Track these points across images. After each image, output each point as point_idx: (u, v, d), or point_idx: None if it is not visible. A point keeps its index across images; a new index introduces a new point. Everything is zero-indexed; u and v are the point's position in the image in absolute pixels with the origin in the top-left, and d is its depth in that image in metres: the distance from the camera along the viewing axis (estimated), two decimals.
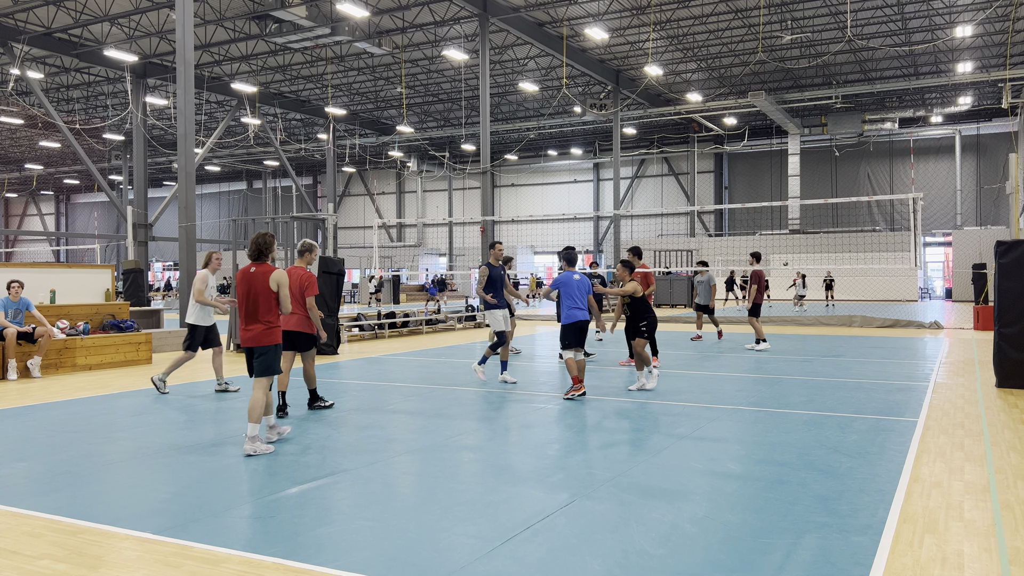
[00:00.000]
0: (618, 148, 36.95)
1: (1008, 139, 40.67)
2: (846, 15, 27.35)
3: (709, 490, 5.15)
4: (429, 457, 6.15)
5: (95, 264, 16.18)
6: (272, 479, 5.52)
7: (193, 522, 4.58)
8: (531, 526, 4.45)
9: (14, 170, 57.14)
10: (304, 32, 26.01)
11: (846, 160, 44.53)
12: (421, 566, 3.87)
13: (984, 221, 41.68)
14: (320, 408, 8.34)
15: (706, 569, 3.81)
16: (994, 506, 4.83)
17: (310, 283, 7.84)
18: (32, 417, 8.07)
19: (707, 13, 27.83)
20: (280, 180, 59.08)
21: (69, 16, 27.47)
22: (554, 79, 36.15)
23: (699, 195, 48.06)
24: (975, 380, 10.30)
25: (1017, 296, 9.37)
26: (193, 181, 16.26)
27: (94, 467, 5.92)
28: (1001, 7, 26.73)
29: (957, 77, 31.54)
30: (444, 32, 30.14)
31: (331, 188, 42.65)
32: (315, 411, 8.26)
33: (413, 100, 41.25)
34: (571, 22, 28.78)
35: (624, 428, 7.24)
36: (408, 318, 19.54)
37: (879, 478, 5.44)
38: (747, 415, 7.86)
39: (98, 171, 30.42)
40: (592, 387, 9.78)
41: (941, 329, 19.25)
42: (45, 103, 27.85)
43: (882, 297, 37.05)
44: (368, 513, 4.72)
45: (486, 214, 27.62)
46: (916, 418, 7.64)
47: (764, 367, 11.77)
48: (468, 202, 56.08)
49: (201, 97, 37.66)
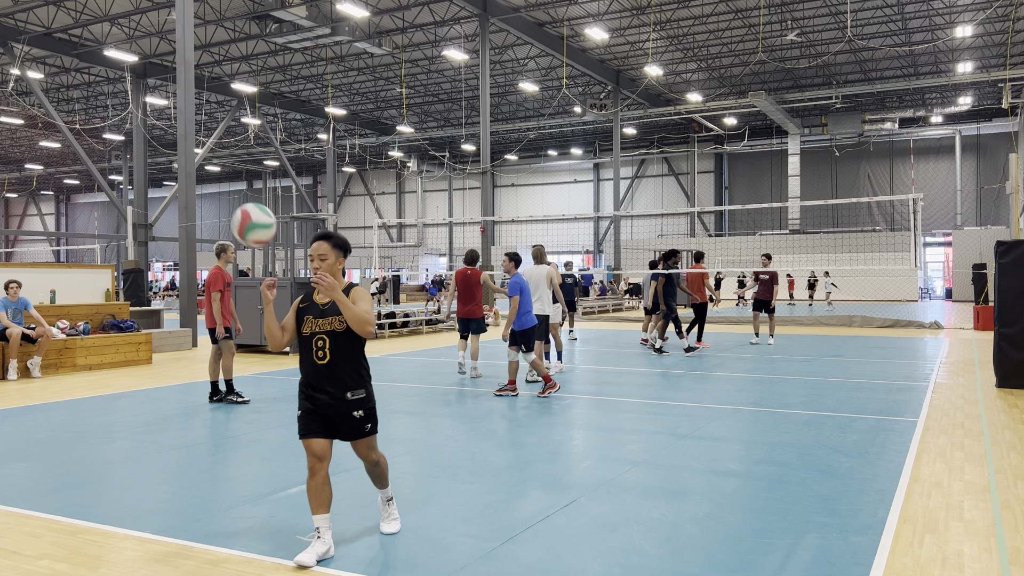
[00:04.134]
0: (618, 148, 36.96)
1: (1008, 139, 40.67)
2: (846, 15, 27.35)
3: (709, 490, 5.15)
4: (429, 457, 6.15)
5: (95, 264, 16.18)
6: (272, 479, 5.52)
7: (193, 522, 4.58)
8: (531, 526, 4.45)
9: (14, 170, 57.14)
10: (304, 32, 26.01)
11: (846, 160, 44.53)
12: (421, 566, 3.87)
13: (984, 221, 41.68)
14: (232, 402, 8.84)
15: (706, 569, 3.81)
16: (994, 506, 4.83)
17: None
18: (32, 417, 8.07)
19: (707, 13, 27.83)
20: (280, 180, 59.07)
21: (69, 16, 27.47)
22: (554, 79, 36.15)
23: (699, 195, 48.06)
24: (975, 380, 10.30)
25: (1017, 296, 9.37)
26: (193, 181, 16.26)
27: (94, 467, 5.92)
28: (1001, 7, 26.73)
29: (957, 77, 31.53)
30: (444, 32, 30.14)
31: (331, 188, 42.64)
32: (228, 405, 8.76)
33: (413, 100, 41.25)
34: (571, 22, 28.78)
35: (624, 428, 7.24)
36: (408, 318, 19.54)
37: (879, 478, 5.44)
38: (747, 415, 7.86)
39: (98, 171, 30.42)
40: (594, 387, 9.78)
41: (941, 329, 19.25)
42: (45, 103, 27.85)
43: (882, 297, 37.05)
44: (368, 513, 4.72)
45: (486, 214, 27.61)
46: (916, 418, 7.64)
47: (764, 367, 11.77)
48: (468, 202, 56.07)
49: (201, 97, 37.66)
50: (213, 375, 8.85)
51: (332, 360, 4.02)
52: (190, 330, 15.63)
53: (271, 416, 7.99)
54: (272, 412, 8.22)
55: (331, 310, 4.05)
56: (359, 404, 4.07)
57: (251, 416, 8.01)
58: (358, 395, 4.08)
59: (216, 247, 9.02)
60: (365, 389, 4.12)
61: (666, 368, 11.70)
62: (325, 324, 4.02)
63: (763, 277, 15.08)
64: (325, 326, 4.02)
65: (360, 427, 4.12)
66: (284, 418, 7.88)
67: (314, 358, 4.03)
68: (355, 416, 4.08)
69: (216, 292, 8.66)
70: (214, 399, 8.86)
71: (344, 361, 4.04)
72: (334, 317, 4.01)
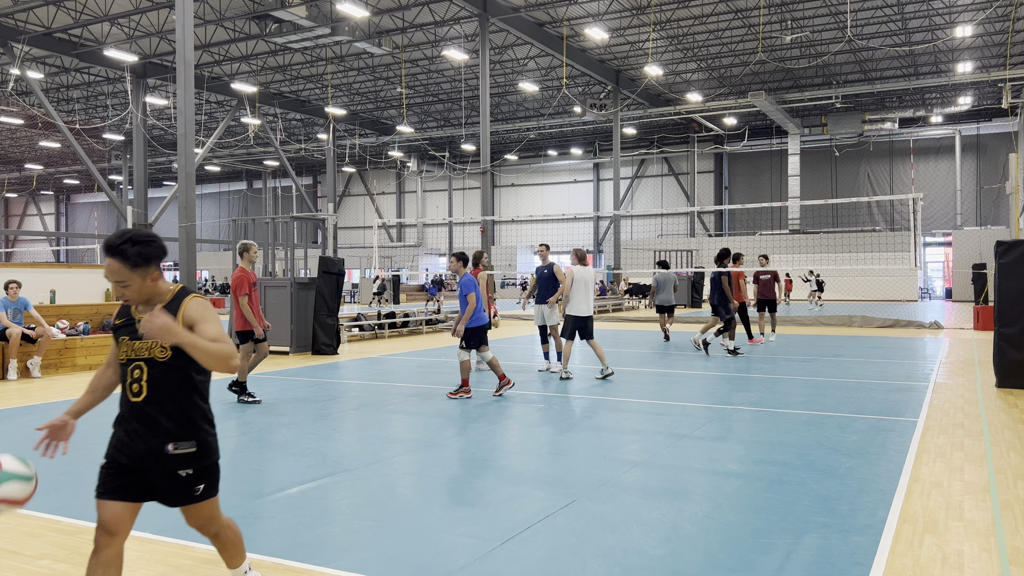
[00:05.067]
0: (618, 148, 36.95)
1: (1008, 139, 40.67)
2: (846, 15, 27.35)
3: (709, 490, 5.15)
4: (429, 457, 6.15)
5: (95, 264, 16.18)
6: (272, 479, 5.52)
7: None
8: (531, 526, 4.45)
9: (14, 170, 57.15)
10: (304, 32, 26.02)
11: (846, 160, 44.54)
12: (421, 566, 3.87)
13: (984, 221, 41.68)
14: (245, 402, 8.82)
15: (706, 569, 3.81)
16: (994, 506, 4.83)
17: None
18: (32, 417, 8.06)
19: (707, 13, 27.83)
20: (280, 180, 59.08)
21: (69, 16, 27.47)
22: (554, 79, 36.15)
23: (699, 195, 48.07)
24: (975, 380, 10.30)
25: (1017, 296, 9.37)
26: (193, 181, 16.26)
27: (94, 467, 5.92)
28: (1001, 7, 26.73)
29: (957, 77, 31.54)
30: (444, 32, 30.15)
31: (331, 188, 42.65)
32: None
33: (413, 100, 41.25)
34: (571, 22, 28.78)
35: (624, 428, 7.24)
36: (408, 318, 19.54)
37: (879, 478, 5.44)
38: (747, 415, 7.86)
39: (98, 171, 30.42)
40: (594, 388, 9.78)
41: (941, 329, 19.25)
42: (45, 103, 27.86)
43: (882, 297, 37.05)
44: (368, 513, 4.72)
45: (486, 214, 27.61)
46: (916, 418, 7.64)
47: (764, 367, 11.77)
48: (468, 202, 56.07)
49: (201, 97, 37.66)
50: (242, 375, 8.89)
51: (149, 397, 2.90)
52: None
53: (271, 416, 8.00)
54: (272, 412, 8.22)
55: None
56: (186, 461, 2.94)
57: (251, 416, 8.01)
58: (184, 449, 2.93)
59: (239, 246, 9.03)
60: (196, 440, 2.96)
61: (666, 368, 11.70)
62: (143, 348, 2.91)
63: (764, 277, 15.10)
64: (143, 351, 2.91)
65: (187, 490, 2.97)
66: (284, 418, 7.88)
67: (128, 393, 2.93)
68: (180, 475, 2.94)
69: (243, 296, 8.69)
70: (241, 397, 8.88)
71: (167, 400, 2.91)
72: (152, 341, 2.88)
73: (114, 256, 2.83)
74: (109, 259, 2.85)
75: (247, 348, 8.90)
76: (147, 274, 2.88)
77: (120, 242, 2.83)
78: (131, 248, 2.83)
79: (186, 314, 2.93)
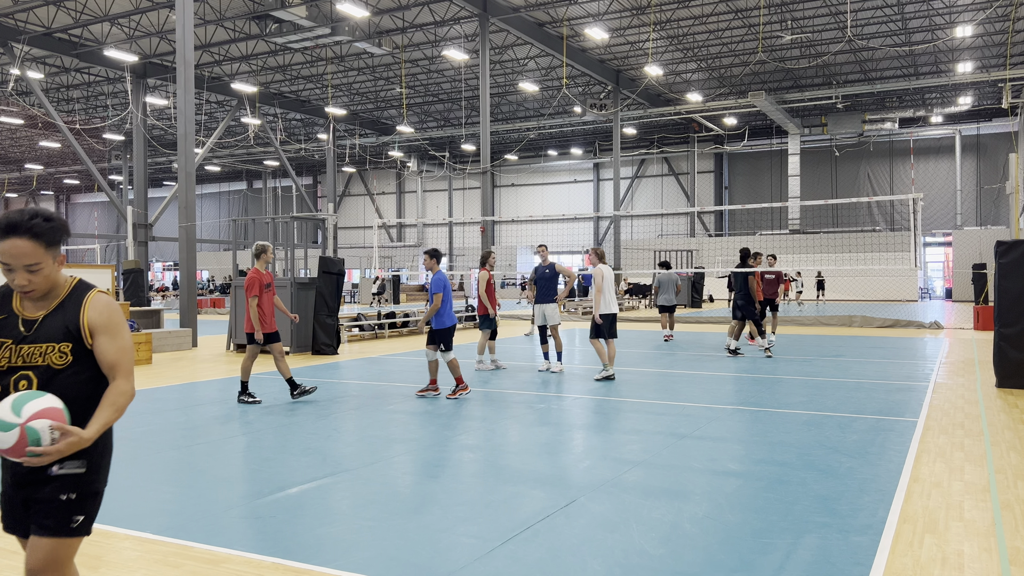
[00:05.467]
0: (618, 148, 36.95)
1: (1008, 139, 40.67)
2: (846, 15, 27.35)
3: (709, 490, 5.15)
4: (429, 457, 6.15)
5: (95, 264, 16.17)
6: (272, 479, 5.52)
7: (193, 522, 4.58)
8: (531, 526, 4.45)
9: (14, 170, 57.14)
10: (304, 32, 26.02)
11: (846, 160, 44.53)
12: (421, 566, 3.87)
13: (984, 221, 41.68)
14: (246, 403, 8.85)
15: (706, 569, 3.81)
16: (994, 506, 4.83)
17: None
18: None
19: (707, 13, 27.83)
20: (280, 180, 59.08)
21: (69, 16, 27.47)
22: (554, 79, 36.15)
23: (699, 195, 48.06)
24: (975, 380, 10.30)
25: (1017, 296, 9.37)
26: (193, 181, 16.26)
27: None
28: (1001, 7, 26.73)
29: (957, 77, 31.53)
30: (444, 32, 30.15)
31: (331, 188, 42.65)
32: (299, 403, 8.82)
33: (413, 100, 41.25)
34: (571, 22, 28.77)
35: (624, 428, 7.24)
36: (408, 318, 19.54)
37: (879, 478, 5.44)
38: (747, 415, 7.86)
39: (98, 171, 30.42)
40: (594, 387, 9.79)
41: (941, 329, 19.25)
42: (45, 103, 27.85)
43: (882, 297, 37.05)
44: (368, 513, 4.72)
45: (486, 214, 27.62)
46: (916, 418, 7.64)
47: (764, 367, 11.77)
48: (468, 202, 56.07)
49: (201, 97, 37.65)
50: (245, 375, 8.88)
51: None
52: (190, 330, 15.63)
53: (271, 417, 8.00)
54: (272, 413, 8.23)
55: (43, 328, 2.46)
56: (72, 484, 2.45)
57: (252, 416, 8.01)
58: (70, 469, 2.44)
59: (255, 247, 9.11)
60: (86, 460, 2.47)
61: (666, 368, 11.70)
62: (34, 354, 2.44)
63: (768, 277, 15.14)
64: (35, 357, 2.44)
65: (64, 516, 2.47)
66: (284, 419, 7.88)
67: None
68: (60, 499, 2.45)
69: (253, 297, 8.69)
70: (241, 397, 8.88)
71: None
72: (48, 344, 2.44)
73: (23, 235, 2.36)
74: (13, 239, 2.36)
75: (253, 349, 8.90)
76: (57, 256, 2.46)
77: (29, 218, 2.38)
78: (44, 224, 2.40)
79: (89, 317, 2.47)
